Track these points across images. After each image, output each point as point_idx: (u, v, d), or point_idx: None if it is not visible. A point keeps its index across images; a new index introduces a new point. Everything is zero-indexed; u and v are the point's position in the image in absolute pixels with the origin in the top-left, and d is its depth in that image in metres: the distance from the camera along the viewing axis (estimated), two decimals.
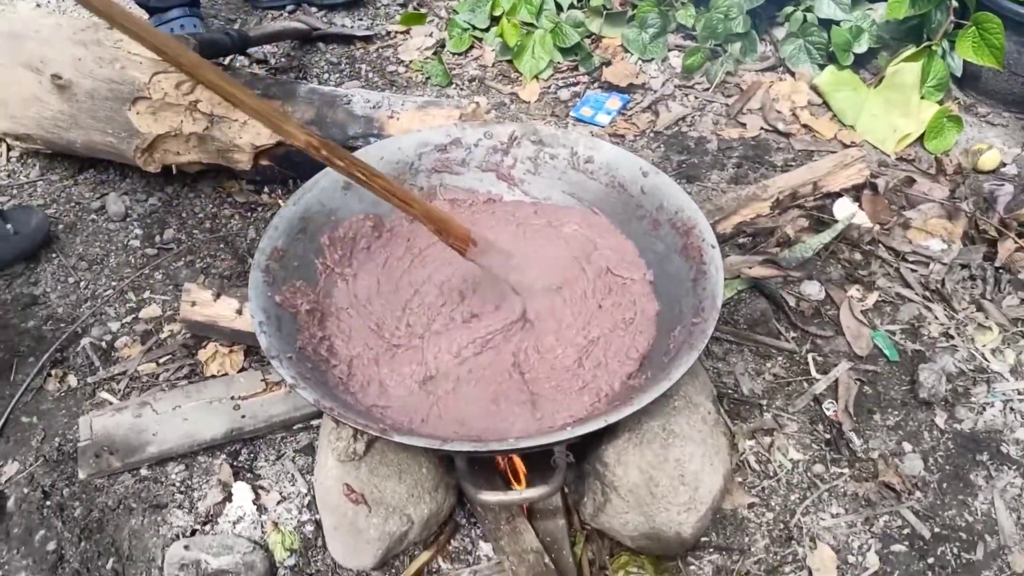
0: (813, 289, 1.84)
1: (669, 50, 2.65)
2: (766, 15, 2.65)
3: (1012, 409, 1.65)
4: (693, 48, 2.52)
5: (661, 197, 1.61)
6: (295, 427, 1.67)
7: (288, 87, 2.06)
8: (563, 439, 1.22)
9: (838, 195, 2.06)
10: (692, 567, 1.44)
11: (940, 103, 2.36)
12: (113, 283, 1.94)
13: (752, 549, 1.46)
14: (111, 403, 1.70)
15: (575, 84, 2.54)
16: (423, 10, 2.87)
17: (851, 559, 1.46)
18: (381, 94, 2.04)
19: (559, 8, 2.70)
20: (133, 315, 1.88)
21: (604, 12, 2.66)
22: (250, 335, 1.75)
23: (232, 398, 1.67)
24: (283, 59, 2.64)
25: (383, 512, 1.39)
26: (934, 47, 2.33)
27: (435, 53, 2.67)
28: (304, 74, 2.58)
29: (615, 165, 1.68)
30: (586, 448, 1.47)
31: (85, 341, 1.81)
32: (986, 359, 1.73)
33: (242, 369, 1.76)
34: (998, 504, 1.52)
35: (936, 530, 1.49)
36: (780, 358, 1.74)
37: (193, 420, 1.63)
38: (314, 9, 2.87)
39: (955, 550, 1.47)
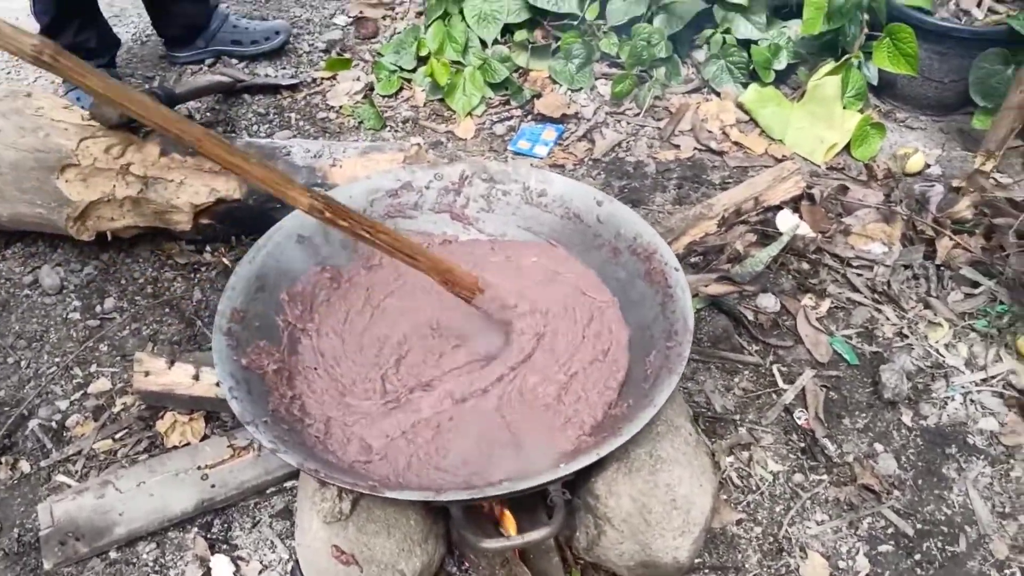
0: (769, 302, 1.87)
1: (596, 79, 2.69)
2: (686, 39, 2.71)
3: (972, 400, 1.71)
4: (620, 76, 2.57)
5: (618, 224, 1.63)
6: (268, 491, 1.61)
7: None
8: (559, 477, 1.21)
9: (778, 208, 2.11)
10: None
11: (861, 111, 2.46)
12: (56, 359, 1.85)
13: (746, 566, 1.47)
14: (69, 486, 1.61)
15: (509, 118, 2.56)
16: (347, 55, 2.85)
17: (842, 564, 1.48)
18: (320, 143, 2.01)
19: (483, 44, 2.72)
20: (81, 391, 1.79)
21: (529, 46, 2.69)
22: (209, 400, 1.71)
23: (199, 468, 1.60)
24: (208, 113, 2.58)
25: (375, 571, 1.35)
26: (852, 59, 2.42)
27: (364, 97, 2.65)
28: (232, 127, 2.53)
29: (569, 196, 1.69)
30: (574, 482, 1.46)
31: (33, 423, 1.72)
32: (941, 355, 1.79)
33: (204, 437, 1.69)
34: (972, 495, 1.57)
35: (918, 526, 1.53)
36: (746, 372, 1.77)
37: (160, 495, 1.56)
38: (235, 61, 2.82)
39: (939, 544, 1.50)
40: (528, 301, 1.55)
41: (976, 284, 1.91)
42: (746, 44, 2.59)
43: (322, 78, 2.75)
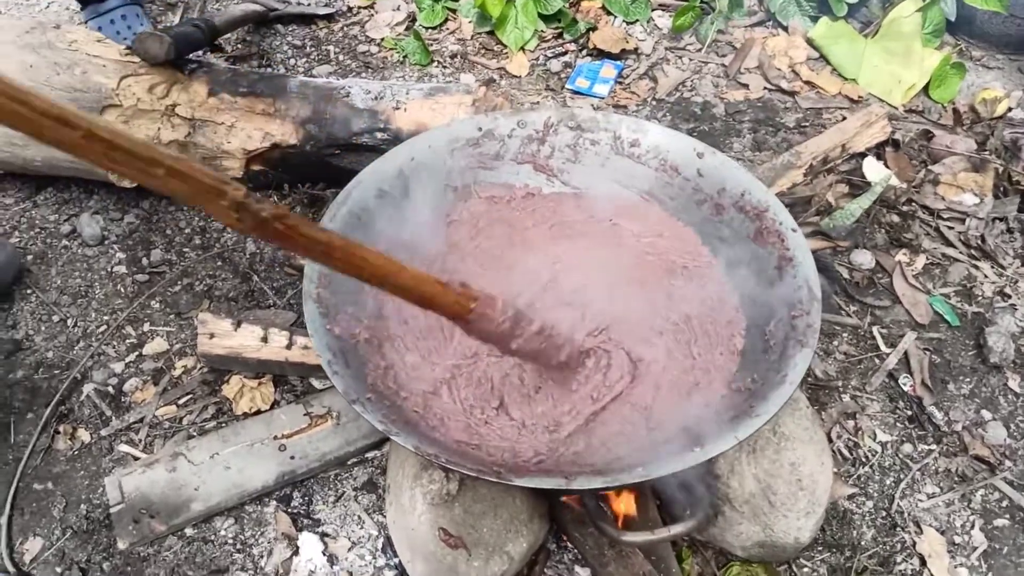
0: (864, 258, 1.77)
1: (652, 10, 2.53)
2: None
3: None
4: (682, 7, 2.41)
5: (722, 179, 1.51)
6: (349, 462, 1.52)
7: (276, 82, 1.85)
8: (696, 462, 1.12)
9: (862, 155, 2.00)
10: (805, 569, 1.37)
11: (937, 49, 2.32)
12: (105, 317, 1.73)
13: (862, 543, 1.40)
14: (136, 457, 1.51)
15: (563, 54, 2.40)
16: None
17: (957, 539, 1.42)
18: (382, 83, 1.86)
19: None
20: (136, 352, 1.68)
21: None
22: (278, 364, 1.61)
23: (275, 438, 1.51)
24: (239, 45, 2.41)
25: (483, 553, 1.27)
26: None
27: (407, 28, 2.48)
28: (268, 60, 2.36)
29: (665, 147, 1.57)
30: None
31: (88, 388, 1.61)
32: None
33: (274, 402, 1.59)
34: None
35: None
36: (845, 335, 1.68)
37: (237, 468, 1.46)
38: None
39: None
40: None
41: None
42: None
43: (359, 7, 2.57)
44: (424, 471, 1.28)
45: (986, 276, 1.78)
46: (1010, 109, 2.20)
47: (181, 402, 1.60)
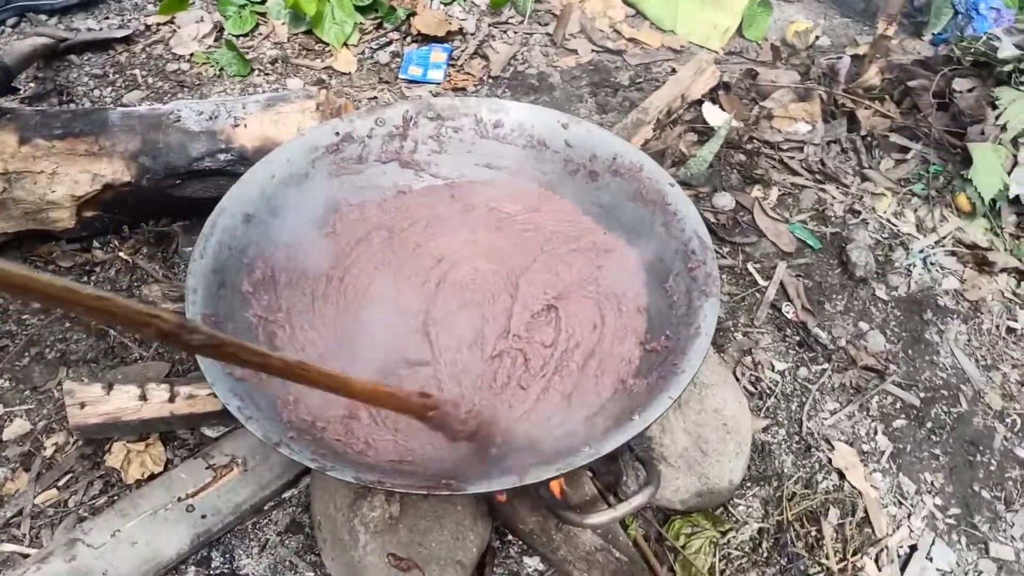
0: (726, 200, 1.84)
1: None
2: None
3: (931, 263, 1.77)
4: None
5: (592, 146, 1.52)
6: (265, 508, 1.42)
7: (94, 117, 1.68)
8: (641, 430, 1.12)
9: (699, 102, 2.07)
10: (740, 507, 1.42)
11: None
12: None
13: (785, 470, 1.47)
14: (24, 555, 1.35)
15: (389, 44, 2.33)
16: None
17: (865, 447, 1.51)
18: (212, 102, 1.73)
19: None
20: None
21: None
22: (164, 420, 1.48)
23: (180, 499, 1.38)
24: (31, 84, 2.18)
25: (436, 569, 1.23)
26: None
27: (216, 39, 2.33)
28: (68, 96, 2.15)
29: (529, 123, 1.55)
30: None
31: None
32: (892, 224, 1.84)
33: (168, 462, 1.47)
34: (957, 354, 1.64)
35: (922, 395, 1.58)
36: (724, 276, 1.74)
37: (144, 541, 1.33)
38: (43, 17, 2.39)
39: (944, 408, 1.56)
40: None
41: (905, 149, 1.96)
42: None
43: (157, 24, 2.39)
44: (361, 499, 1.22)
45: (834, 197, 1.89)
46: (817, 38, 2.34)
47: (61, 483, 1.44)
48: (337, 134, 1.51)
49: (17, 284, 0.63)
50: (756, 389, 1.56)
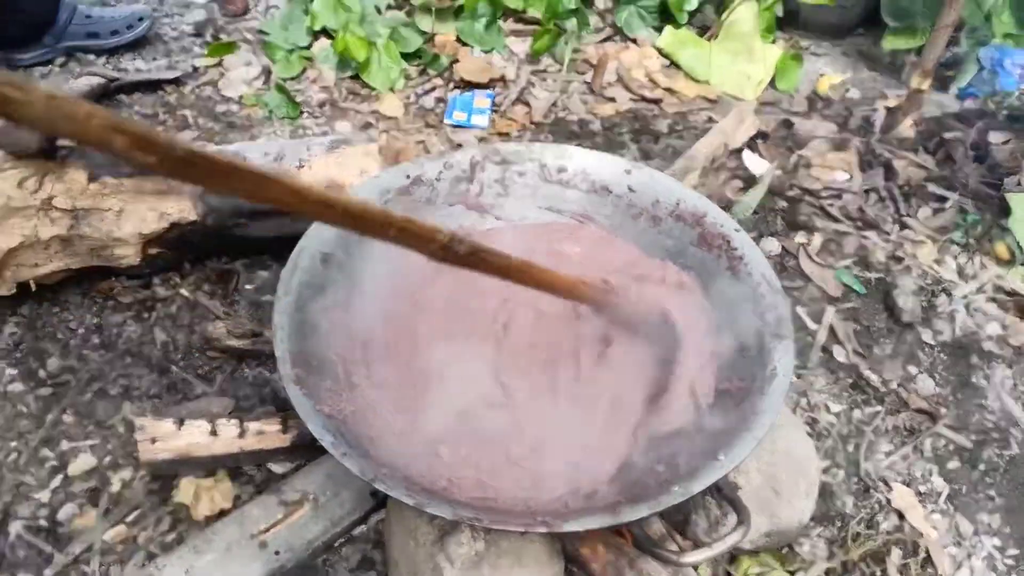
0: (772, 246, 1.89)
1: (505, 37, 2.57)
2: None
3: (975, 309, 1.82)
4: (539, 32, 2.47)
5: (654, 191, 1.56)
6: (336, 544, 1.43)
7: None
8: (727, 469, 1.15)
9: (739, 151, 2.13)
10: (805, 547, 1.44)
11: (773, 44, 2.51)
12: (13, 444, 1.54)
13: (846, 510, 1.49)
14: None
15: (432, 89, 2.39)
16: (224, 37, 2.54)
17: (922, 488, 1.54)
18: (277, 143, 1.78)
19: (377, 11, 2.52)
20: (60, 475, 1.50)
21: (432, 9, 2.51)
22: (232, 456, 1.50)
23: (252, 536, 1.39)
24: None
25: None
26: None
27: (265, 82, 2.38)
28: None
29: (592, 168, 1.60)
30: None
31: (16, 527, 1.42)
32: (934, 270, 1.89)
33: (236, 498, 1.48)
34: (1004, 398, 1.67)
35: (973, 437, 1.61)
36: None
37: None
38: (91, 57, 2.44)
39: (996, 451, 1.60)
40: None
41: (942, 199, 2.02)
42: None
43: (206, 67, 2.44)
44: (448, 536, 1.23)
45: (875, 244, 1.94)
46: (847, 90, 2.41)
47: (129, 520, 1.45)
48: (408, 177, 1.55)
49: (222, 170, 0.72)
50: (813, 431, 1.59)
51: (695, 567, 1.36)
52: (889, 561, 1.41)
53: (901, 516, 1.49)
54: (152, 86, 2.36)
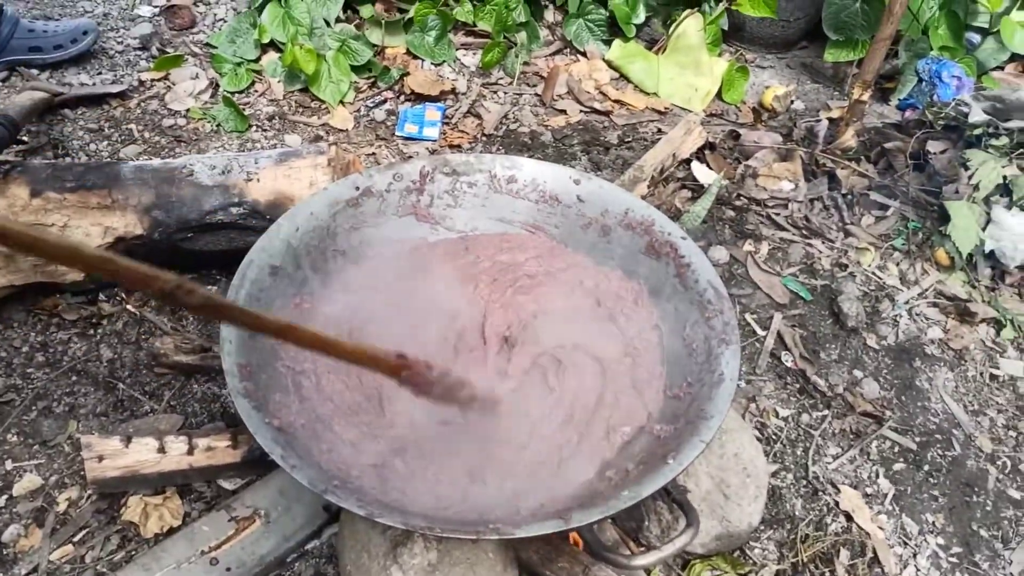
0: (721, 254, 1.92)
1: (456, 49, 2.58)
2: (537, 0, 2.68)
3: (916, 314, 1.86)
4: (489, 44, 2.48)
5: (604, 201, 1.58)
6: (288, 560, 1.42)
7: (107, 170, 1.69)
8: (677, 472, 1.16)
9: (688, 161, 2.16)
10: (756, 550, 1.46)
11: (719, 56, 2.56)
12: None
13: (796, 513, 1.51)
14: None
15: (383, 102, 2.39)
16: (170, 50, 2.51)
17: (869, 490, 1.57)
18: (225, 156, 1.76)
19: (326, 24, 2.51)
20: (5, 495, 1.46)
21: (383, 22, 2.51)
22: (182, 473, 1.47)
23: (203, 552, 1.37)
24: (24, 138, 2.17)
25: None
26: (712, 6, 2.51)
27: (212, 96, 2.36)
28: (64, 150, 2.15)
29: (541, 179, 1.61)
30: None
31: None
32: (878, 277, 1.93)
33: (186, 515, 1.46)
34: (947, 400, 1.72)
35: (917, 439, 1.65)
36: None
37: None
38: (34, 71, 2.39)
39: (939, 452, 1.63)
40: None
41: (884, 206, 2.07)
42: (602, 1, 2.60)
43: (151, 80, 2.41)
44: (401, 546, 1.23)
45: (820, 251, 1.98)
46: (792, 101, 2.47)
47: (77, 539, 1.42)
48: (357, 188, 1.55)
49: (24, 241, 0.66)
50: (763, 435, 1.62)
51: (647, 570, 1.37)
52: (837, 562, 1.43)
53: (849, 517, 1.51)
54: (97, 100, 2.32)
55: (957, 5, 2.46)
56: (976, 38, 2.54)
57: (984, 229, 1.91)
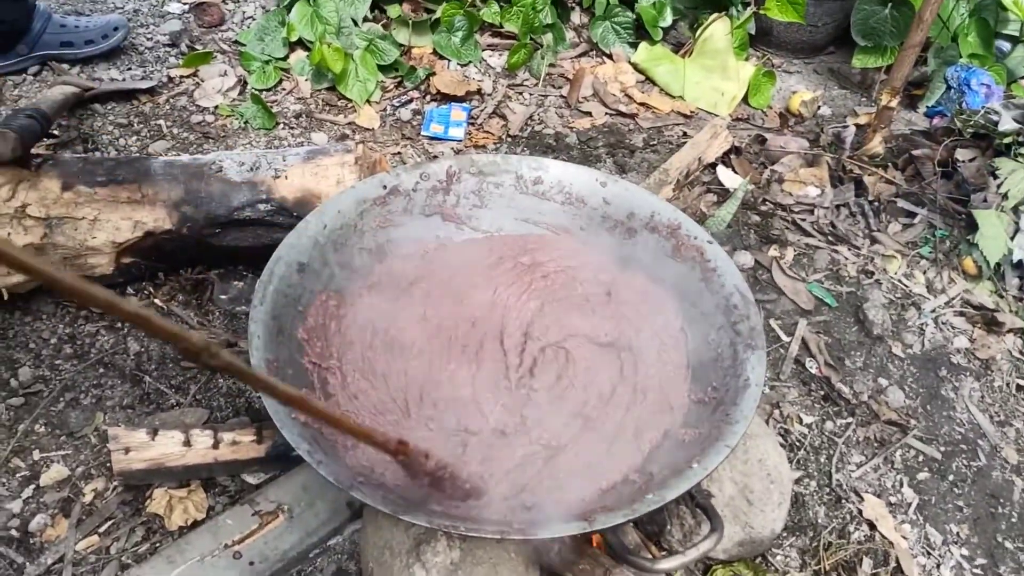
0: (746, 259, 1.91)
1: (482, 51, 2.59)
2: (564, 2, 2.67)
3: (943, 323, 1.85)
4: (515, 46, 2.48)
5: (629, 204, 1.58)
6: (311, 555, 1.42)
7: (137, 165, 1.71)
8: (701, 477, 1.16)
9: (713, 165, 2.15)
10: (779, 557, 1.45)
11: (746, 61, 2.55)
12: None
13: (819, 520, 1.51)
14: None
15: (409, 101, 2.40)
16: (199, 47, 2.54)
17: (892, 499, 1.56)
18: (254, 153, 1.77)
19: (354, 23, 2.52)
20: (32, 485, 1.48)
21: (410, 22, 2.52)
22: (207, 467, 1.48)
23: (226, 546, 1.38)
24: (55, 132, 2.20)
25: None
26: (739, 11, 2.50)
27: (240, 93, 2.38)
28: (94, 144, 2.17)
29: (568, 181, 1.62)
30: None
31: None
32: (904, 284, 1.92)
33: (210, 509, 1.47)
34: (973, 410, 1.70)
35: (942, 449, 1.63)
36: None
37: None
38: (65, 66, 2.42)
39: (965, 462, 1.62)
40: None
41: (911, 214, 2.05)
42: (629, 3, 2.60)
43: (181, 76, 2.43)
44: (425, 544, 1.23)
45: (846, 258, 1.97)
46: (819, 107, 2.45)
47: (102, 530, 1.43)
48: (384, 187, 1.56)
49: (66, 287, 0.67)
50: (786, 442, 1.61)
51: (669, 575, 1.36)
52: (860, 570, 1.42)
53: (872, 526, 1.50)
54: (126, 96, 2.34)
55: (987, 12, 2.44)
56: (1006, 46, 2.52)
57: (1012, 239, 1.89)
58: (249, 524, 1.42)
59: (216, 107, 2.33)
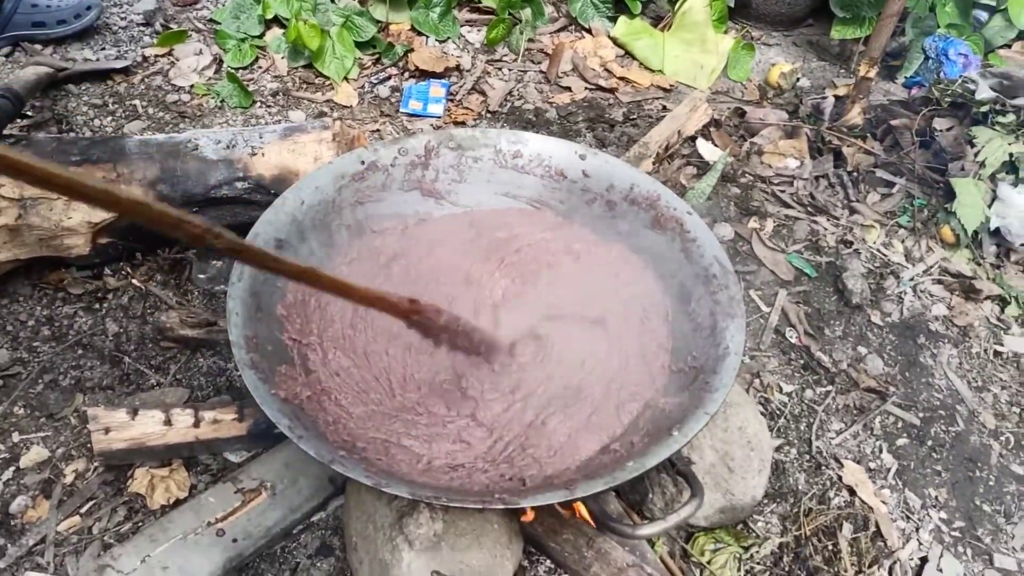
0: (726, 231, 1.91)
1: (460, 26, 2.57)
2: None
3: (921, 291, 1.86)
4: (493, 21, 2.47)
5: (609, 176, 1.58)
6: (295, 531, 1.43)
7: (112, 144, 1.69)
8: (681, 444, 1.17)
9: (693, 138, 2.15)
10: (760, 523, 1.47)
11: (725, 34, 2.55)
12: None
13: (799, 487, 1.52)
14: None
15: (388, 78, 2.38)
16: (174, 26, 2.50)
17: (872, 464, 1.57)
18: (230, 131, 1.76)
19: (330, 0, 2.50)
20: (12, 467, 1.47)
21: None
22: (188, 446, 1.48)
23: (209, 524, 1.38)
24: (28, 113, 2.17)
25: None
26: None
27: (216, 72, 2.35)
28: (68, 125, 2.15)
29: (547, 154, 1.61)
30: None
31: None
32: (883, 254, 1.93)
33: (192, 487, 1.47)
34: (951, 376, 1.72)
35: (921, 415, 1.65)
36: None
37: (176, 566, 1.33)
38: (38, 46, 2.38)
39: (943, 427, 1.64)
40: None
41: (889, 184, 2.06)
42: None
43: (155, 56, 2.40)
44: (408, 517, 1.23)
45: (825, 228, 1.98)
46: (798, 79, 2.45)
47: (84, 510, 1.43)
48: (362, 162, 1.55)
49: (61, 183, 0.67)
50: (767, 410, 1.62)
51: (651, 541, 1.38)
52: (840, 535, 1.44)
53: (852, 492, 1.52)
54: (101, 76, 2.31)
55: None
56: (983, 16, 2.52)
57: (990, 206, 1.90)
58: (232, 502, 1.42)
59: (192, 86, 2.30)
